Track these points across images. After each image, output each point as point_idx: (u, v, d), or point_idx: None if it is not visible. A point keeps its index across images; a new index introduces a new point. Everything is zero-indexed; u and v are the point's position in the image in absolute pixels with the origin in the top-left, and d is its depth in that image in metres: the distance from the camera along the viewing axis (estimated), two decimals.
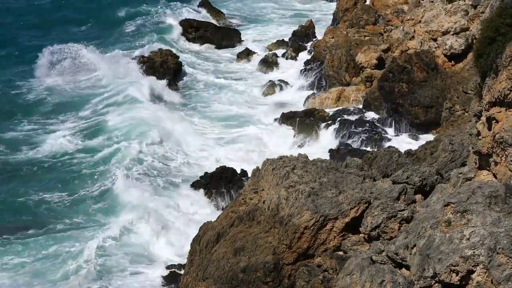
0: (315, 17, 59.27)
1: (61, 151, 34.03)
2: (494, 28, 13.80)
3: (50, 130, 36.82)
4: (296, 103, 39.71)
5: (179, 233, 26.55)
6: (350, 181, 18.11)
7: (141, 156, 33.07)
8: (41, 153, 33.82)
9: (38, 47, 48.60)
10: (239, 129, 37.57)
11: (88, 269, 23.81)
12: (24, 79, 44.73)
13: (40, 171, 32.02)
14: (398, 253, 13.87)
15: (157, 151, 33.96)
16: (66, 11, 61.89)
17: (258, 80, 45.39)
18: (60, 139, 35.16)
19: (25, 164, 32.63)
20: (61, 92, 42.77)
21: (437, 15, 36.92)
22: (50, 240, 25.88)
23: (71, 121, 38.12)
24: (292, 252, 16.78)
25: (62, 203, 28.92)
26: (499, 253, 11.97)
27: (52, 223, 27.21)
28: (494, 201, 12.96)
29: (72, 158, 33.23)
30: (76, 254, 24.86)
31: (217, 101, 42.06)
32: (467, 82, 32.24)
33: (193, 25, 54.90)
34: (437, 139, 24.08)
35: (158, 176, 31.60)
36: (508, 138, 13.38)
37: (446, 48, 35.59)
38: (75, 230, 26.74)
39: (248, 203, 19.63)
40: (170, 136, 35.49)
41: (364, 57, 38.74)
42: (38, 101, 41.14)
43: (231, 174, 29.89)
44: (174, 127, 36.45)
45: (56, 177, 31.31)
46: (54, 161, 32.98)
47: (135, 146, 33.80)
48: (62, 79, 44.62)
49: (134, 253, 25.29)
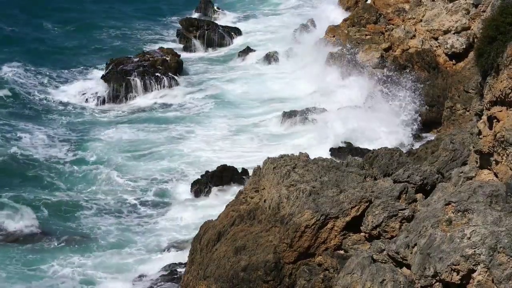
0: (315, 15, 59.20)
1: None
2: (495, 27, 13.79)
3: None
4: (297, 102, 39.68)
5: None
6: (351, 180, 18.11)
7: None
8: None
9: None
10: (238, 127, 37.54)
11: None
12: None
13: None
14: (399, 252, 13.88)
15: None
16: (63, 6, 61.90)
17: (259, 78, 45.37)
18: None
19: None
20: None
21: (438, 14, 36.92)
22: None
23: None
24: (293, 251, 16.78)
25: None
26: (500, 252, 11.97)
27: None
28: (495, 200, 12.97)
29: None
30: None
31: (217, 100, 42.07)
32: (468, 81, 32.22)
33: (194, 23, 54.86)
34: (438, 138, 24.08)
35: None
36: (509, 137, 13.37)
37: (447, 47, 35.58)
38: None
39: (249, 202, 19.64)
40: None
41: (365, 56, 38.73)
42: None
43: (232, 173, 29.89)
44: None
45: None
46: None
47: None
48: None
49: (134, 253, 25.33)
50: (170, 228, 26.85)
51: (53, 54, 49.65)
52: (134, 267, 24.20)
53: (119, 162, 32.66)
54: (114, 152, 33.70)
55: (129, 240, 26.07)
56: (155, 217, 27.94)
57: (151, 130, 37.13)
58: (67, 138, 35.75)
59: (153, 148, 34.47)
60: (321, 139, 32.75)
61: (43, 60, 47.85)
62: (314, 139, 33.32)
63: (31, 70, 45.41)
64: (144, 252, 25.32)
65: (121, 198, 29.43)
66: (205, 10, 61.71)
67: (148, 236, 26.35)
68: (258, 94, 42.33)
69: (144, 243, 25.86)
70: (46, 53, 49.56)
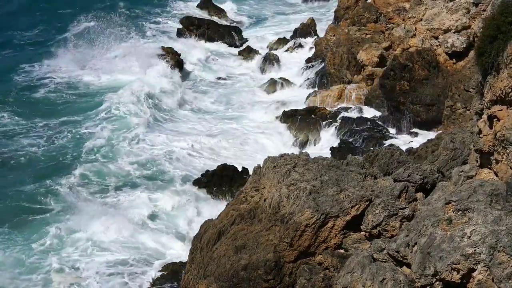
0: (316, 15, 59.20)
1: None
2: (495, 26, 13.81)
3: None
4: (297, 101, 39.69)
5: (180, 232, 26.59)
6: (351, 179, 18.11)
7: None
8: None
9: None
10: (237, 126, 37.55)
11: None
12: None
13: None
14: (399, 251, 13.89)
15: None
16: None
17: (259, 78, 45.37)
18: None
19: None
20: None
21: (439, 13, 36.88)
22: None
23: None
24: (293, 250, 16.79)
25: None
26: (500, 251, 11.98)
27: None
28: (495, 199, 12.98)
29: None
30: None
31: (217, 99, 42.08)
32: (468, 80, 32.18)
33: (195, 22, 54.83)
34: (438, 137, 24.08)
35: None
36: (509, 136, 13.37)
37: (448, 46, 35.54)
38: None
39: (249, 201, 19.64)
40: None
41: (365, 55, 38.70)
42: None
43: (232, 172, 29.89)
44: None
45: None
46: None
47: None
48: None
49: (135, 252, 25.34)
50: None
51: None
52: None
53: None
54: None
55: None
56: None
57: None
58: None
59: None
60: None
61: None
62: None
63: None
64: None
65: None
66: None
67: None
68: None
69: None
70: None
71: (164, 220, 27.51)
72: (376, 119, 35.66)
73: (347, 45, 41.06)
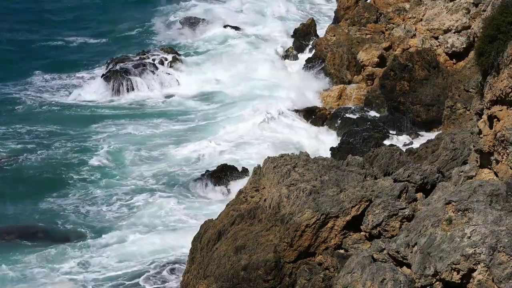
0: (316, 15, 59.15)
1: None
2: (495, 26, 13.82)
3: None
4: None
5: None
6: (351, 179, 18.11)
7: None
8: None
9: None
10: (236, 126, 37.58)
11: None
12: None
13: None
14: (399, 252, 13.89)
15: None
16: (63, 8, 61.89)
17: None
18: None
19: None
20: None
21: (439, 13, 36.92)
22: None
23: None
24: (293, 250, 16.79)
25: None
26: (500, 252, 11.98)
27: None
28: (495, 199, 12.98)
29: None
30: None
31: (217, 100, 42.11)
32: (468, 80, 32.23)
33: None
34: (438, 138, 24.06)
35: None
36: (509, 136, 13.38)
37: (448, 46, 35.58)
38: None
39: (249, 201, 19.64)
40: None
41: (365, 55, 38.71)
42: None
43: (232, 172, 29.91)
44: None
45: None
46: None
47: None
48: None
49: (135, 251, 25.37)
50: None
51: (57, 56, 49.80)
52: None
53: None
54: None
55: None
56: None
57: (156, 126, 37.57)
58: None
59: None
60: None
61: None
62: None
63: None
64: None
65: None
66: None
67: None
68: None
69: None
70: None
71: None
72: (376, 119, 35.67)
73: (347, 45, 41.07)
